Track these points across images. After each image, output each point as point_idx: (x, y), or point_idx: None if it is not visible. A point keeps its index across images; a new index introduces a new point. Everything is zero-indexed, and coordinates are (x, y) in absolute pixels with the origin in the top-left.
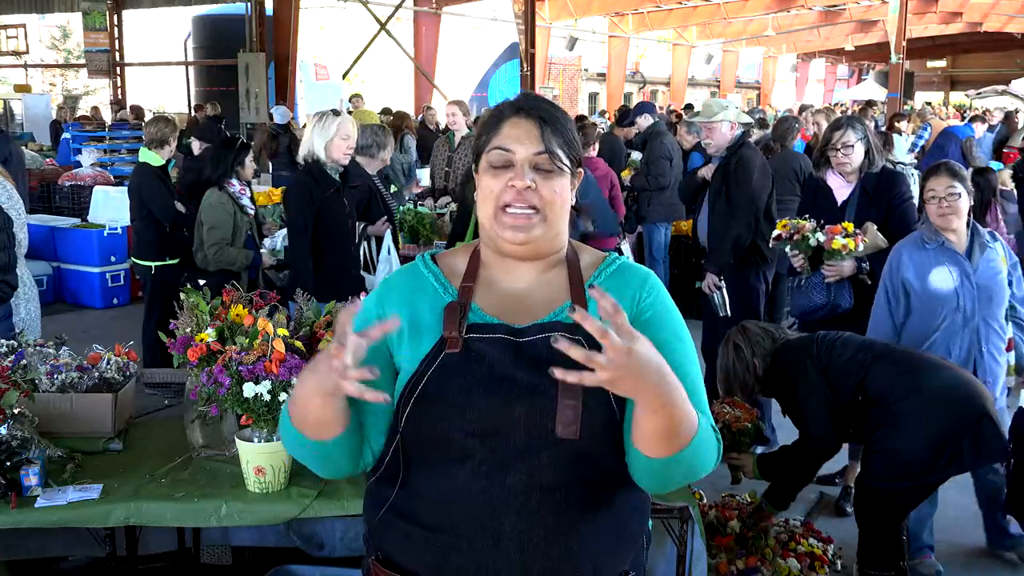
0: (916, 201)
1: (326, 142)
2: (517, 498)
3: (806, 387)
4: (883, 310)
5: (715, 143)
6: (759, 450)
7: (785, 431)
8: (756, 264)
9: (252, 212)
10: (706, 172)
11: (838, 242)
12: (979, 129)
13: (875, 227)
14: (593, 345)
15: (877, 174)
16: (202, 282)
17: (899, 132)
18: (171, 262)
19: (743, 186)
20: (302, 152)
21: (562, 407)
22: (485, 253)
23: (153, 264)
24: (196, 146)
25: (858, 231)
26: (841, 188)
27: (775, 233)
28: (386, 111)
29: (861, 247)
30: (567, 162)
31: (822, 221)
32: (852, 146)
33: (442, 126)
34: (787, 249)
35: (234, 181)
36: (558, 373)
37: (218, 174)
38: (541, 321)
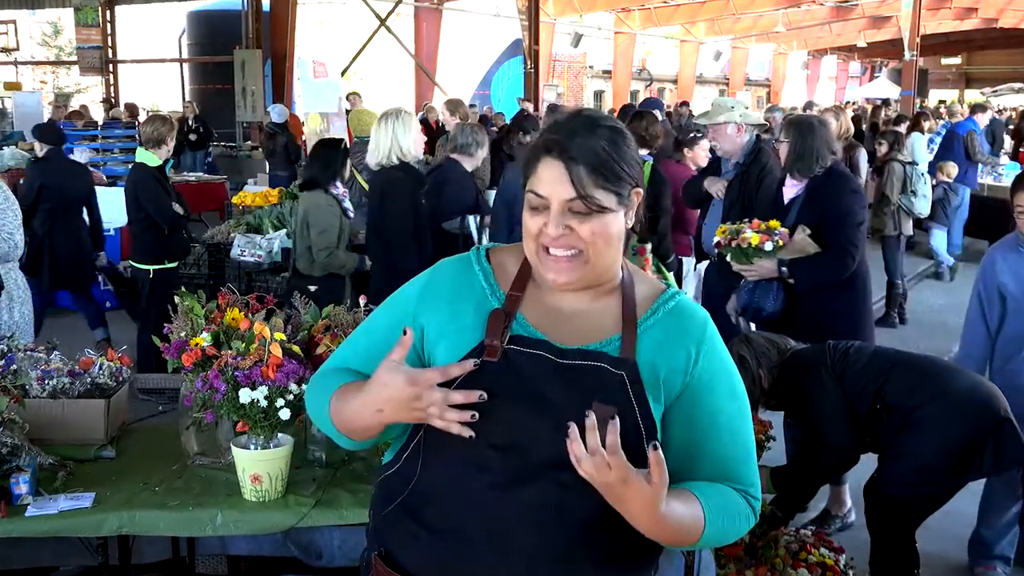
0: (924, 200)
1: (415, 139)
2: (530, 515)
3: (822, 397)
4: (976, 315)
5: (723, 147)
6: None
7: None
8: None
9: (352, 215)
10: (718, 189)
11: (756, 237)
12: (982, 120)
13: (807, 231)
14: (640, 379)
15: (824, 177)
16: (313, 288)
17: (922, 131)
18: (169, 265)
19: (764, 200)
20: (384, 154)
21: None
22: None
23: (151, 268)
24: (37, 148)
25: (778, 230)
26: (791, 187)
27: (715, 239)
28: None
29: (768, 246)
30: (607, 203)
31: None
32: (781, 144)
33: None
34: (727, 257)
35: (338, 183)
36: (572, 438)
37: (327, 176)
38: (586, 347)
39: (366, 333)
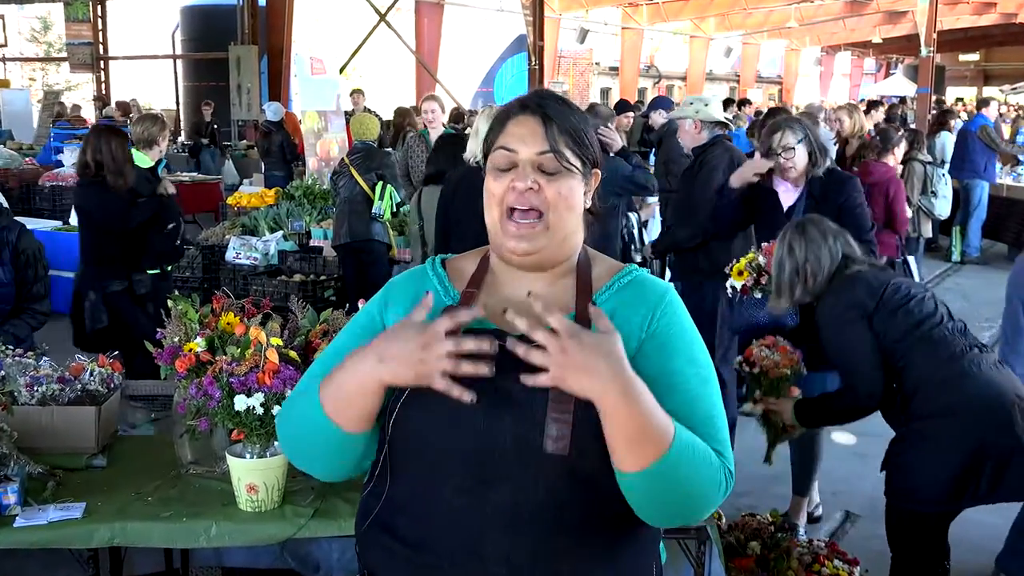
0: (945, 201)
1: None
2: (502, 517)
3: (857, 340)
4: (1019, 320)
5: (684, 143)
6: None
7: None
8: (711, 275)
9: None
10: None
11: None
12: (990, 113)
13: None
14: None
15: (824, 177)
16: None
17: (949, 130)
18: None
19: (702, 192)
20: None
21: (550, 420)
22: (494, 259)
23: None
24: None
25: None
26: (787, 193)
27: (733, 283)
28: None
29: None
30: (575, 162)
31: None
32: (793, 148)
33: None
34: (758, 296)
35: None
36: (525, 379)
37: None
38: None
39: (336, 354)
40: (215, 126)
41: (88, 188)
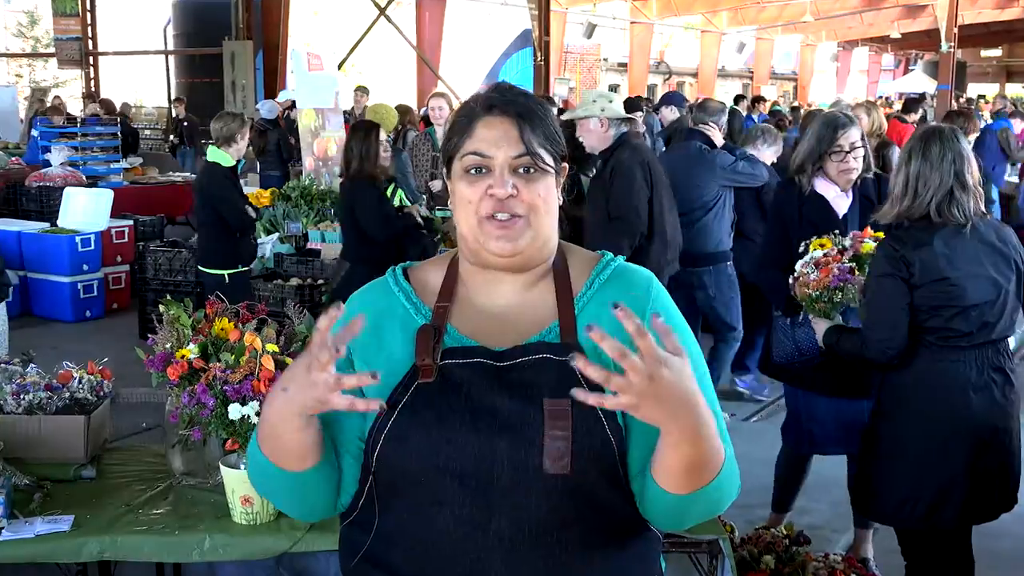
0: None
1: None
2: (502, 544)
3: (890, 294)
4: None
5: (589, 144)
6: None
7: None
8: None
9: None
10: None
11: (869, 245)
12: (1018, 126)
13: None
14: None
15: (874, 180)
16: None
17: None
18: (243, 269)
19: (623, 199)
20: None
21: (549, 439)
22: (464, 267)
23: (226, 272)
24: None
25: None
26: (838, 199)
27: (814, 256)
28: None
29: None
30: (550, 162)
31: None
32: (863, 147)
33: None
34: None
35: None
36: (579, 395)
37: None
38: (525, 343)
39: None
40: (185, 124)
41: (364, 190)
